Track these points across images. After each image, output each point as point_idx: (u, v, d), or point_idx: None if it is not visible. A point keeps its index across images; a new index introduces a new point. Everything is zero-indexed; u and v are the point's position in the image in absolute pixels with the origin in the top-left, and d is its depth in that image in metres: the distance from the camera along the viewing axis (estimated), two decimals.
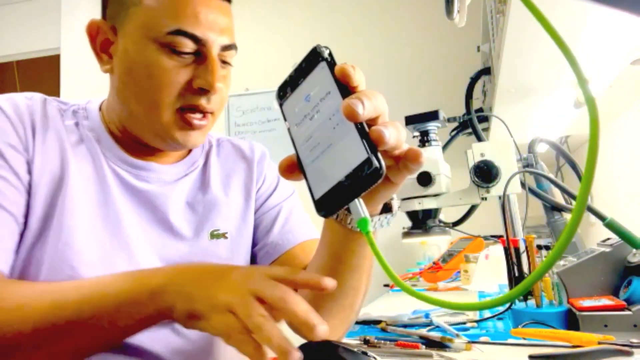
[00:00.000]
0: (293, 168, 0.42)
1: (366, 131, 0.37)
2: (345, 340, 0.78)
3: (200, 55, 0.61)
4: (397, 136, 0.39)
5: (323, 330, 0.39)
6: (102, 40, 0.65)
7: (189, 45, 0.60)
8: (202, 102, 0.62)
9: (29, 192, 0.59)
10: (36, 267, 0.58)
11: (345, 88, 0.38)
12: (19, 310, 0.48)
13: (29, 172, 0.60)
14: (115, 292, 0.48)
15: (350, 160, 0.36)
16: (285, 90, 0.42)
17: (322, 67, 0.39)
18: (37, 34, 3.01)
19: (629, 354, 0.56)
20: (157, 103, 0.61)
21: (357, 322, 0.96)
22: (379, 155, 0.36)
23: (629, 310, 0.69)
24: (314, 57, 0.40)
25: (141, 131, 0.65)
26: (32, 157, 0.60)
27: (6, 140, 0.59)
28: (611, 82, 0.98)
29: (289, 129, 0.41)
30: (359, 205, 0.37)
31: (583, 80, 0.22)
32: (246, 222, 0.74)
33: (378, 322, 0.91)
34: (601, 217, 0.76)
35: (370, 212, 0.46)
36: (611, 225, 0.74)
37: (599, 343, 0.61)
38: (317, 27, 2.67)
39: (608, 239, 0.83)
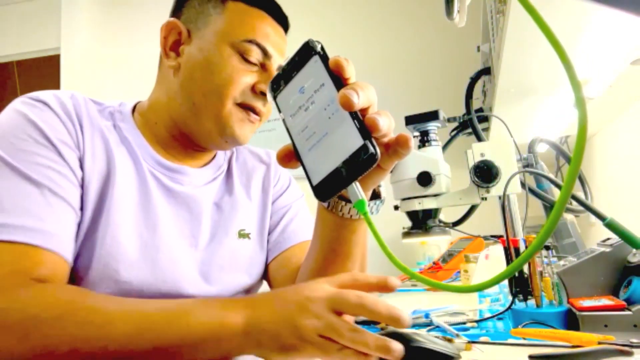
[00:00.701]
0: (290, 157, 0.45)
1: (360, 119, 0.40)
2: None
3: (265, 67, 0.71)
4: (388, 124, 0.42)
5: (408, 318, 0.42)
6: (174, 40, 0.71)
7: (257, 55, 0.69)
8: (259, 104, 0.71)
9: (82, 187, 0.62)
10: (87, 259, 0.60)
11: (339, 80, 0.40)
12: (109, 326, 0.47)
13: (82, 168, 0.62)
14: (198, 323, 0.47)
15: (346, 147, 0.39)
16: (279, 83, 0.44)
17: (315, 60, 0.41)
18: (37, 34, 3.01)
19: (629, 354, 0.56)
20: (223, 95, 0.68)
21: (357, 322, 0.96)
22: (374, 141, 0.39)
23: (629, 310, 0.69)
24: (306, 51, 0.42)
25: (199, 125, 0.70)
26: (82, 154, 0.63)
27: (59, 137, 0.61)
28: (611, 82, 0.98)
29: (284, 120, 0.44)
30: (356, 189, 0.40)
31: (577, 84, 0.22)
32: (264, 223, 0.80)
33: (378, 322, 0.91)
34: (601, 217, 0.76)
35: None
36: (611, 225, 0.74)
37: (599, 343, 0.61)
38: (316, 27, 2.67)
39: (608, 239, 0.83)
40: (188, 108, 0.70)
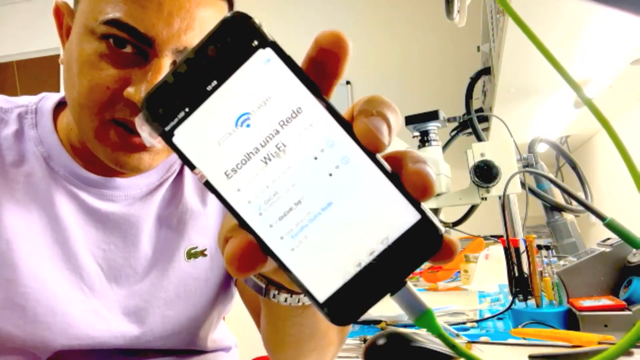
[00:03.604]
0: (255, 257, 0.22)
1: (395, 174, 0.22)
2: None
3: (145, 57, 0.46)
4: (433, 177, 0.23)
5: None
6: (67, 26, 0.53)
7: (128, 42, 0.45)
8: (135, 118, 0.46)
9: None
10: None
11: (324, 99, 0.22)
12: None
13: None
14: None
15: (383, 226, 0.22)
16: (173, 107, 0.22)
17: (267, 60, 0.22)
18: (37, 34, 3.01)
19: (629, 353, 0.56)
20: (86, 107, 0.48)
21: (357, 322, 0.96)
22: (430, 213, 0.22)
23: (629, 310, 0.69)
24: (240, 38, 0.22)
25: (86, 142, 0.51)
26: None
27: None
28: (611, 82, 0.98)
29: (208, 183, 0.22)
30: (415, 296, 0.23)
31: (577, 87, 0.22)
32: None
33: (378, 322, 0.91)
34: (601, 217, 0.76)
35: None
36: (611, 225, 0.74)
37: (599, 343, 0.61)
38: (316, 26, 2.67)
39: (608, 239, 0.83)
40: (73, 121, 0.52)
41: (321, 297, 0.22)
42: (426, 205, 0.22)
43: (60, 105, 0.58)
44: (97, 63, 0.46)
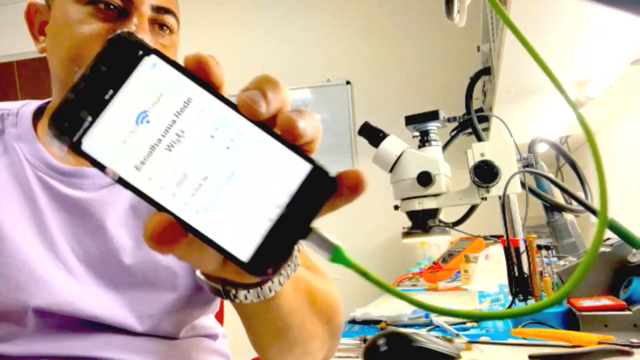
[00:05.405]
0: (174, 231, 0.25)
1: (277, 133, 0.26)
2: (344, 340, 0.78)
3: (127, 14, 0.58)
4: (313, 126, 0.27)
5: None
6: (40, 22, 0.64)
7: (111, 4, 0.57)
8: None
9: None
10: None
11: (210, 87, 0.26)
12: None
13: None
14: None
15: (282, 182, 0.25)
16: (77, 119, 0.25)
17: (154, 63, 0.25)
18: None
19: (629, 354, 0.56)
20: (78, 59, 0.57)
21: (357, 322, 0.96)
22: (320, 163, 0.26)
23: (629, 310, 0.69)
24: (125, 52, 0.25)
25: None
26: None
27: None
28: (611, 82, 0.98)
29: (121, 179, 0.25)
30: (323, 234, 0.26)
31: (572, 104, 0.22)
32: None
33: (378, 322, 0.91)
34: None
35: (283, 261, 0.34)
36: (611, 225, 0.74)
37: (599, 343, 0.61)
38: (315, 26, 2.67)
39: (608, 239, 0.83)
40: (59, 87, 0.63)
41: (244, 257, 0.25)
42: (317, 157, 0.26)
43: (40, 112, 0.67)
44: (87, 20, 0.57)
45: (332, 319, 0.55)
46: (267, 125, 0.26)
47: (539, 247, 0.81)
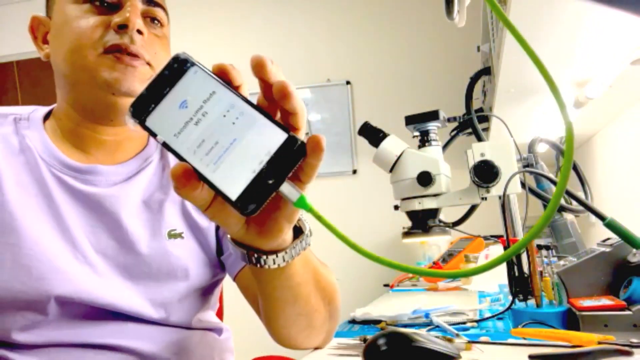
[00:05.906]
0: (189, 175, 0.37)
1: (271, 115, 0.38)
2: (344, 340, 0.78)
3: (119, 6, 0.64)
4: (299, 99, 0.39)
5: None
6: (43, 33, 0.69)
7: (105, 0, 0.63)
8: (125, 40, 0.62)
9: None
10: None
11: (229, 85, 0.38)
12: None
13: None
14: None
15: (266, 146, 0.37)
16: (145, 106, 0.38)
17: (195, 71, 0.38)
18: None
19: (629, 354, 0.56)
20: (79, 48, 0.62)
21: (357, 322, 0.96)
22: (296, 135, 0.38)
23: (629, 310, 0.69)
24: (179, 65, 0.38)
25: (78, 92, 0.65)
26: None
27: None
28: (611, 82, 0.98)
29: (165, 143, 0.38)
30: (292, 187, 0.37)
31: (562, 105, 0.22)
32: (203, 223, 0.71)
33: (378, 322, 0.91)
34: (601, 217, 0.76)
35: (283, 242, 0.46)
36: (611, 225, 0.74)
37: (599, 343, 0.61)
38: (315, 26, 2.67)
39: (608, 239, 0.83)
40: (66, 88, 0.66)
41: (234, 196, 0.36)
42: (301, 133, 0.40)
43: (48, 116, 0.71)
44: (84, 15, 0.63)
45: (332, 301, 0.63)
46: (262, 109, 0.38)
47: (539, 247, 0.81)
